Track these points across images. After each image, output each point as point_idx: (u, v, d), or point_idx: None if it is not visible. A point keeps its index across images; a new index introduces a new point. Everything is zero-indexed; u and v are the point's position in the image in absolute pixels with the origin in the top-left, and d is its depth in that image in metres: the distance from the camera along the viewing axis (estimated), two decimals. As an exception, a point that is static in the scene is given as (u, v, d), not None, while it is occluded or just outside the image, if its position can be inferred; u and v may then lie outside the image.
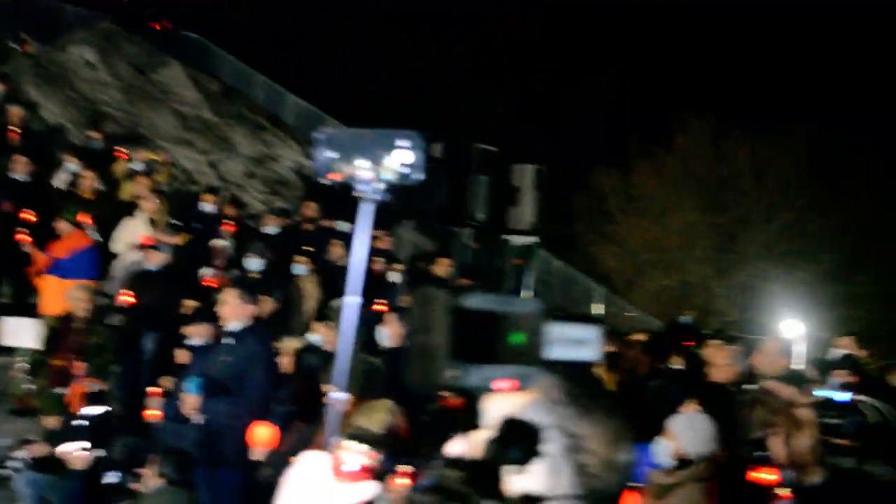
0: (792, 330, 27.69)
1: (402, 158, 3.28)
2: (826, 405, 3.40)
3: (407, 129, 3.38)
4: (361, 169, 3.28)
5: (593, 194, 34.04)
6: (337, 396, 2.98)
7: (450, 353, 1.90)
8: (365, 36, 38.38)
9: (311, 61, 35.09)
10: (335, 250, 12.74)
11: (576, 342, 1.83)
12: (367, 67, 37.31)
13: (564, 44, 38.81)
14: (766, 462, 3.15)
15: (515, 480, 1.61)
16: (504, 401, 1.69)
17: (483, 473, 1.58)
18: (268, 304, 10.48)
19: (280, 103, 26.47)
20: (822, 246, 32.95)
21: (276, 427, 7.65)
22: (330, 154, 3.26)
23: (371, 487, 3.15)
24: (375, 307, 10.25)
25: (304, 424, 7.51)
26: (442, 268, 12.75)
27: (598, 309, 20.06)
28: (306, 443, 6.17)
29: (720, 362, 6.95)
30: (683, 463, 4.55)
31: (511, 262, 15.49)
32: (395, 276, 12.95)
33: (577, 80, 38.50)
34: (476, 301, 2.05)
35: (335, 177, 3.29)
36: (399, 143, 3.32)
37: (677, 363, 7.95)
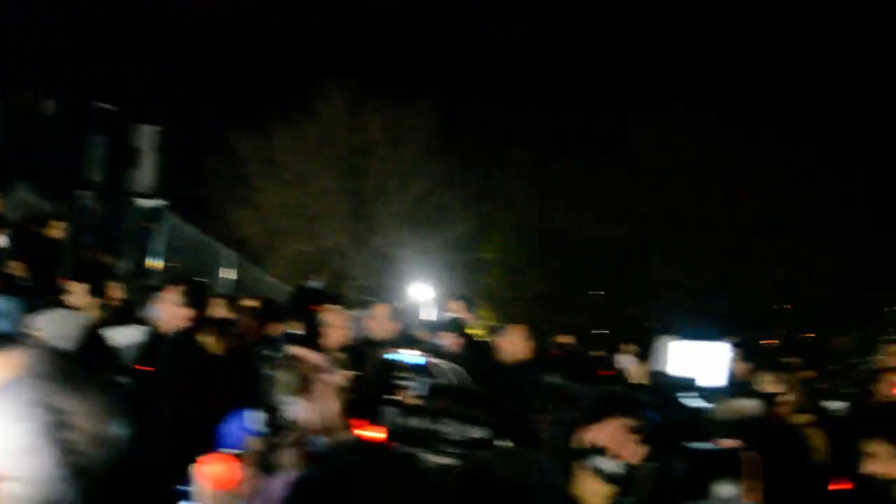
0: (422, 294, 28.90)
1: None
2: (401, 367, 3.52)
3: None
4: None
5: (230, 158, 33.46)
6: None
7: None
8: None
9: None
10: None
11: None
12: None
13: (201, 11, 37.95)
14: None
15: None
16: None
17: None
18: None
19: None
20: (452, 215, 34.51)
21: None
22: None
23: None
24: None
25: None
26: (56, 231, 11.98)
27: (229, 274, 19.76)
28: None
29: (337, 326, 7.04)
30: (287, 430, 4.53)
31: (138, 225, 14.79)
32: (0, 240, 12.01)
33: (217, 45, 37.82)
34: None
35: None
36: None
37: (297, 328, 7.97)
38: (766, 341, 30.07)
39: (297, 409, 2.49)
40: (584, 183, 35.74)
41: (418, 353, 3.69)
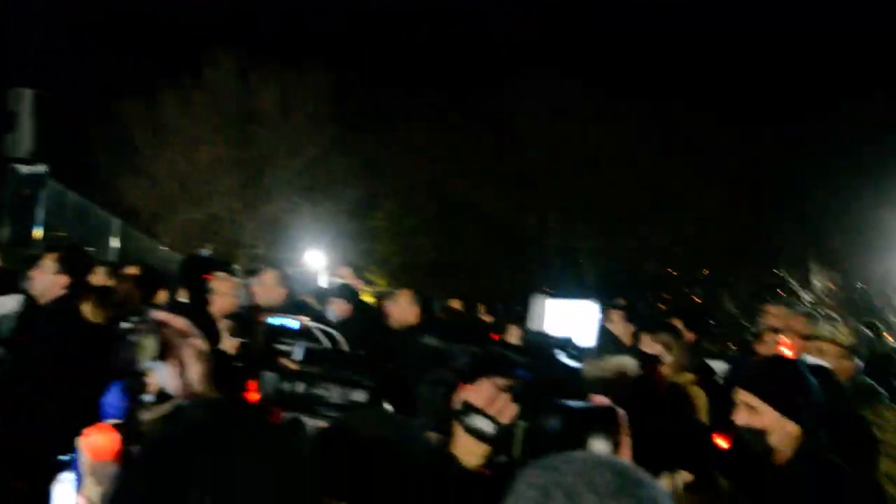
0: (315, 261, 28.82)
1: None
2: (279, 332, 3.48)
3: None
4: None
5: (117, 125, 32.54)
6: None
7: None
8: None
9: None
10: None
11: None
12: None
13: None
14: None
15: None
16: None
17: None
18: None
19: None
20: (344, 182, 34.41)
21: None
22: None
23: None
24: None
25: None
26: (-75, 197, 11.55)
27: (115, 242, 19.37)
28: None
29: (224, 293, 6.95)
30: (162, 398, 4.44)
31: (17, 192, 14.36)
32: None
33: (106, 8, 36.90)
34: None
35: None
36: None
37: (184, 296, 7.85)
38: (655, 305, 30.85)
39: (161, 375, 2.45)
40: (474, 153, 36.15)
41: (303, 318, 3.65)
